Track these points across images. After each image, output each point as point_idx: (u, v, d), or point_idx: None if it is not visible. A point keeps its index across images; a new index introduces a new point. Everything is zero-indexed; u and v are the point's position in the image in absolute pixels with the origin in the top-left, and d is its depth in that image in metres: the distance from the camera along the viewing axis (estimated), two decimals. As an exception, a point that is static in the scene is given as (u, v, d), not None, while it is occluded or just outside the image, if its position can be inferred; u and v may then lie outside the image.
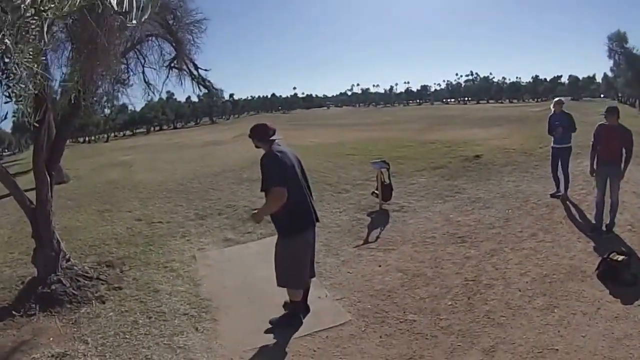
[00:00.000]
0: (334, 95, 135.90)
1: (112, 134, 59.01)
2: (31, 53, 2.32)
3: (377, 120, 33.83)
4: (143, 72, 6.54)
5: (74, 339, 3.93)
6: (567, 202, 6.94)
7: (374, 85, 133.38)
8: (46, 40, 2.19)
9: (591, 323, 3.61)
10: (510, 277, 4.55)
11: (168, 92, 69.09)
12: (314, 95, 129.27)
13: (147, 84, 6.61)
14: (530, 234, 5.72)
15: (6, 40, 2.12)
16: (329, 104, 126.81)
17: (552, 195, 7.29)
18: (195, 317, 4.21)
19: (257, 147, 3.86)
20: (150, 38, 6.18)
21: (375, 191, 7.46)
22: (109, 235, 7.12)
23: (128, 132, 62.86)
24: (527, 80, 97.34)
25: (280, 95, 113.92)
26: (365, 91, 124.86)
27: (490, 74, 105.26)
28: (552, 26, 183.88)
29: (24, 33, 2.21)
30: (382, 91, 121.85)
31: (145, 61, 6.45)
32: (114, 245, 6.56)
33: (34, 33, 2.26)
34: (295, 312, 3.99)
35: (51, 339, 3.94)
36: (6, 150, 50.10)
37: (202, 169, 12.86)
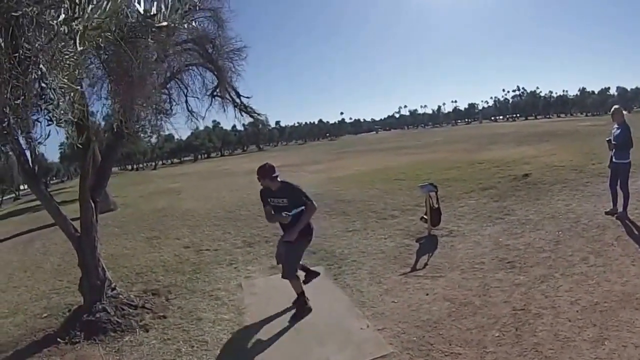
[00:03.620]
0: (382, 118, 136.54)
1: (160, 162, 61.20)
2: (67, 79, 2.40)
3: (426, 142, 33.39)
4: (186, 102, 6.71)
5: (116, 367, 3.94)
6: (620, 222, 6.43)
7: (421, 106, 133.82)
8: (80, 68, 2.24)
9: (642, 357, 3.27)
10: (560, 306, 4.21)
11: (214, 120, 71.79)
12: (361, 120, 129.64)
13: (191, 112, 6.76)
14: (581, 258, 5.33)
15: (41, 66, 2.19)
16: (378, 127, 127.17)
17: (607, 213, 6.81)
18: (238, 348, 4.12)
19: (265, 185, 4.78)
20: (190, 67, 6.35)
21: (424, 216, 7.21)
22: (157, 262, 7.25)
23: (176, 160, 65.10)
24: (574, 93, 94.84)
25: (328, 121, 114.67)
26: (413, 112, 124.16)
27: (537, 88, 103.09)
28: (597, 37, 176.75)
29: (58, 60, 2.28)
30: (430, 112, 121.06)
31: (187, 90, 6.61)
32: (160, 273, 6.65)
33: (68, 61, 2.32)
34: (305, 303, 4.75)
35: (93, 367, 3.98)
36: (54, 178, 52.84)
37: (250, 196, 12.94)
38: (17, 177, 33.07)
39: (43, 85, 2.32)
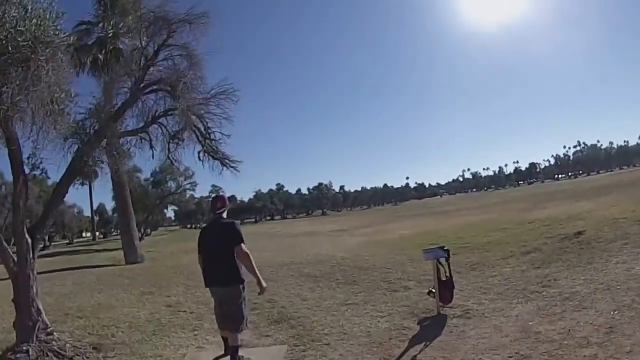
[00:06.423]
0: (447, 182, 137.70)
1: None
2: None
3: (483, 203, 32.03)
4: (168, 148, 6.35)
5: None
6: None
7: (484, 169, 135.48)
8: None
9: None
10: None
11: (278, 183, 73.34)
12: (426, 185, 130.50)
13: (172, 161, 6.46)
14: (645, 357, 3.56)
15: None
16: (443, 191, 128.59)
17: None
18: None
19: (222, 213, 4.92)
20: (171, 113, 6.05)
21: (432, 289, 5.86)
22: (129, 318, 6.72)
23: (237, 221, 66.73)
24: (635, 142, 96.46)
25: (392, 186, 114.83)
26: (476, 175, 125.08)
27: (598, 141, 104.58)
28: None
29: None
30: (492, 174, 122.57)
31: (169, 136, 6.32)
32: (122, 329, 6.10)
33: None
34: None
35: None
36: (117, 230, 56.77)
37: (274, 258, 12.09)
38: (68, 224, 39.26)
39: None
